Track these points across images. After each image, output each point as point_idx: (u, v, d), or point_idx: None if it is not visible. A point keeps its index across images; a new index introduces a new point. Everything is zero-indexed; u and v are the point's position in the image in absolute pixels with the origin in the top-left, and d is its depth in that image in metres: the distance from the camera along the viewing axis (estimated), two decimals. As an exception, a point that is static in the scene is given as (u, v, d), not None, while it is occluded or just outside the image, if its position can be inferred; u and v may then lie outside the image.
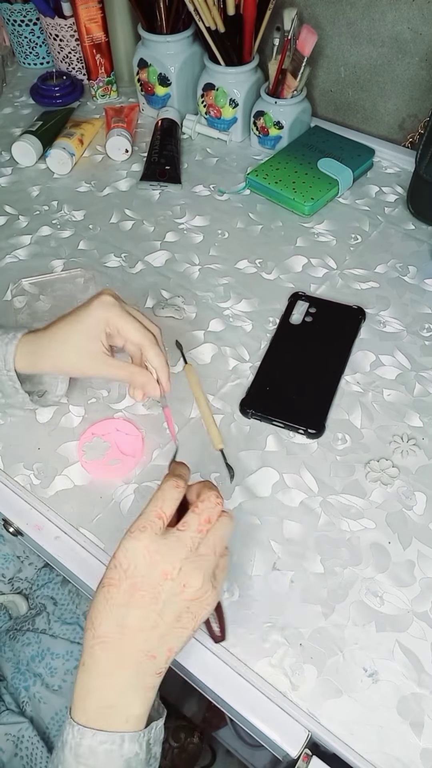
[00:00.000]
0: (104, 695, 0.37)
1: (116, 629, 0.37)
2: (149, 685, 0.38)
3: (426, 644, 0.46)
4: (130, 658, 0.37)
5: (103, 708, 0.37)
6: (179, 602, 0.37)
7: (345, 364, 0.64)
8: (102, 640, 0.37)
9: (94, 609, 0.38)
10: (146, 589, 0.37)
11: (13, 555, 0.76)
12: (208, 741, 0.99)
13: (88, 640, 0.38)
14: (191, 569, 0.37)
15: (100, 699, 0.37)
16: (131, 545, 0.37)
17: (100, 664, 0.37)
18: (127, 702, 0.37)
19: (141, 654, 0.37)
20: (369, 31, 0.83)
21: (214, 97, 0.89)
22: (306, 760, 0.43)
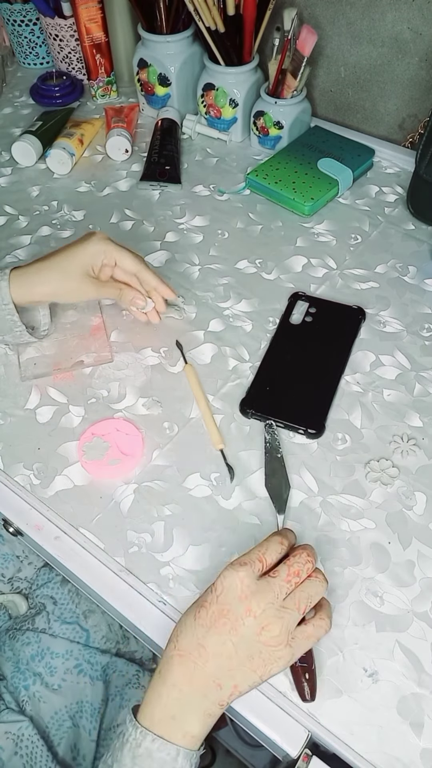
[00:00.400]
0: (170, 705, 0.40)
1: (195, 647, 0.40)
2: (210, 712, 0.40)
3: (426, 644, 0.46)
4: (201, 678, 0.40)
5: (167, 717, 0.40)
6: (254, 642, 0.40)
7: (345, 364, 0.64)
8: (180, 653, 0.40)
9: (182, 625, 0.41)
10: (230, 618, 0.40)
11: (13, 555, 0.76)
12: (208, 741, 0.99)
13: (169, 651, 0.41)
14: (272, 615, 0.40)
15: (166, 707, 0.40)
16: (230, 575, 0.41)
17: (173, 675, 0.40)
18: (188, 718, 0.40)
19: (210, 679, 0.40)
20: (369, 31, 0.83)
21: (214, 97, 0.89)
22: (306, 760, 0.43)
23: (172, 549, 0.52)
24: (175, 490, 0.55)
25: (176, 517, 0.53)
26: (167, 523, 0.53)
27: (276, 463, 0.56)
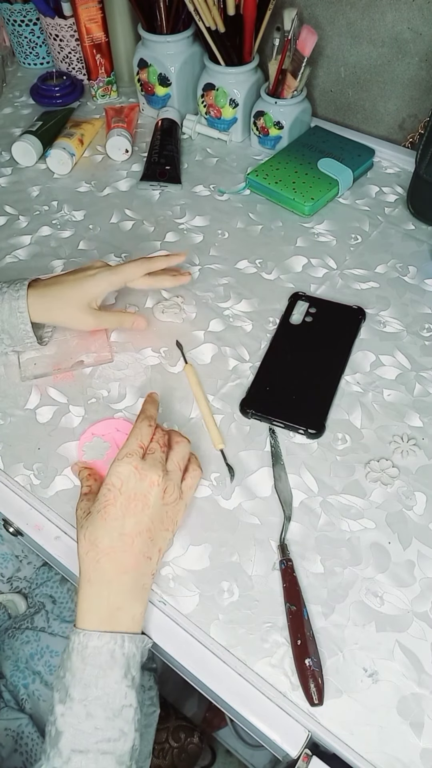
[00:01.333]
0: (112, 600, 0.44)
1: (117, 539, 0.45)
2: (147, 586, 0.46)
3: (426, 644, 0.46)
4: (131, 560, 0.45)
5: (113, 611, 0.44)
6: (161, 507, 0.47)
7: (345, 364, 0.64)
8: (106, 552, 0.44)
9: (93, 532, 0.45)
10: (139, 499, 0.46)
11: (12, 554, 0.76)
12: (208, 741, 0.99)
13: (91, 558, 0.45)
14: (166, 479, 0.47)
15: (109, 605, 0.44)
16: (123, 468, 0.46)
17: (106, 573, 0.44)
18: (131, 602, 0.45)
19: (139, 555, 0.45)
20: (369, 31, 0.83)
21: (214, 97, 0.89)
22: (306, 760, 0.43)
23: (172, 549, 0.52)
24: (175, 490, 0.55)
25: (176, 517, 0.53)
26: (167, 523, 0.53)
27: (281, 470, 0.56)
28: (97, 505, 0.46)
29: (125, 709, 0.42)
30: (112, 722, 0.42)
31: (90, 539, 0.45)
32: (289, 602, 0.47)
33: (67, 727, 0.41)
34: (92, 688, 0.42)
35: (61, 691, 0.42)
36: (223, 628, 0.48)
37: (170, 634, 0.48)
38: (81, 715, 0.41)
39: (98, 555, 0.45)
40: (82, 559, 0.45)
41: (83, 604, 0.45)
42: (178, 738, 0.79)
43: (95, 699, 0.41)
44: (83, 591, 0.45)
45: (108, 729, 0.41)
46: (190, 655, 0.47)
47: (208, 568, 0.51)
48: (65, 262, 0.76)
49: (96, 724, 0.41)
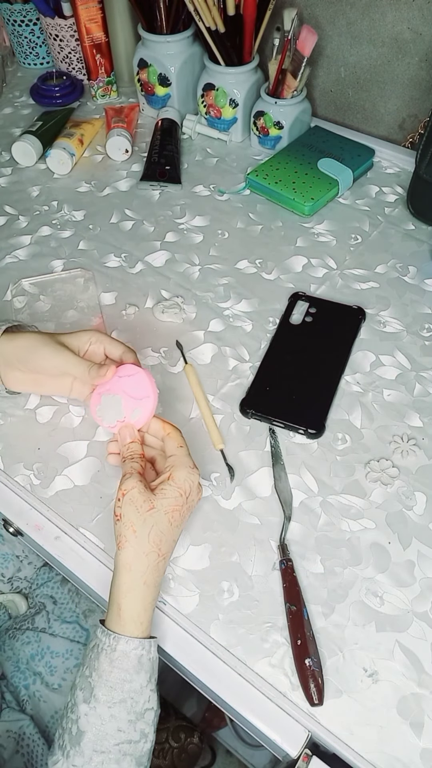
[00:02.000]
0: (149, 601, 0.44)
1: (172, 545, 0.46)
2: None
3: (426, 644, 0.46)
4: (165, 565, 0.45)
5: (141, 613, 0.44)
6: None
7: (345, 364, 0.64)
8: (164, 556, 0.45)
9: (159, 533, 0.44)
10: (189, 511, 0.47)
11: (13, 555, 0.76)
12: (208, 741, 0.99)
13: (152, 560, 0.44)
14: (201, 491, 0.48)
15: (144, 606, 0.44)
16: (195, 479, 0.46)
17: (159, 577, 0.45)
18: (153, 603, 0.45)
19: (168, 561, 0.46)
20: (369, 31, 0.83)
21: (214, 97, 0.89)
22: (306, 760, 0.43)
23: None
24: (175, 490, 0.55)
25: (176, 517, 0.53)
26: (167, 523, 0.53)
27: (281, 470, 0.56)
28: (164, 504, 0.44)
29: (147, 713, 0.43)
30: (135, 725, 0.42)
31: (155, 540, 0.44)
32: (289, 602, 0.47)
33: (90, 727, 0.41)
34: (118, 691, 0.41)
35: (86, 691, 0.42)
36: (223, 628, 0.48)
37: (170, 634, 0.48)
38: (105, 717, 0.41)
39: (158, 558, 0.44)
40: (140, 559, 0.43)
41: (134, 608, 0.43)
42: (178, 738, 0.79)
43: (120, 702, 0.41)
44: (139, 593, 0.43)
45: (130, 731, 0.42)
46: (190, 655, 0.47)
47: (208, 568, 0.51)
48: (65, 262, 0.76)
49: (119, 726, 0.41)
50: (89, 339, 0.54)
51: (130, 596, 0.43)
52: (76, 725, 0.42)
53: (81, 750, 0.41)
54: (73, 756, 0.41)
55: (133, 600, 0.43)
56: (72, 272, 0.74)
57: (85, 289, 0.72)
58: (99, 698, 0.41)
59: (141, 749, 0.42)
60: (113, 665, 0.42)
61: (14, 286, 0.73)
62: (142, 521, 0.43)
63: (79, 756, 0.41)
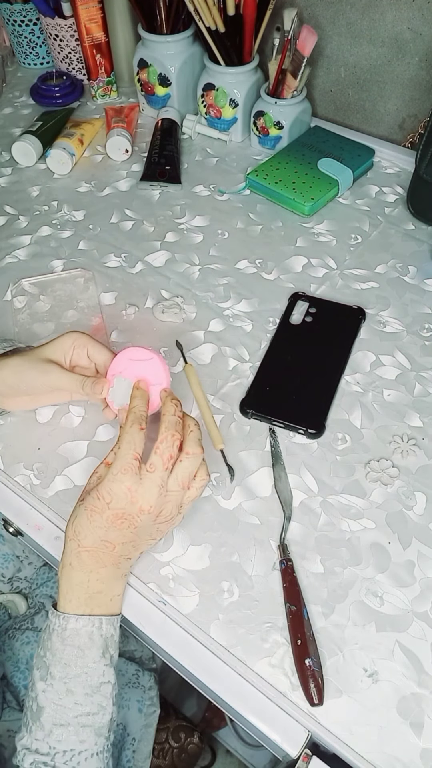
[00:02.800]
0: (92, 586, 0.45)
1: (100, 543, 0.45)
2: (125, 573, 0.48)
3: (426, 644, 0.46)
4: (111, 559, 0.46)
5: (93, 594, 0.45)
6: (152, 525, 0.46)
7: (345, 364, 0.64)
8: (87, 549, 0.45)
9: (77, 525, 0.45)
10: (126, 519, 0.44)
11: (13, 555, 0.76)
12: (208, 741, 0.99)
13: (73, 548, 0.45)
14: (163, 503, 0.44)
15: (88, 588, 0.45)
16: (116, 486, 0.43)
17: (86, 564, 0.45)
18: (110, 586, 0.47)
19: (119, 557, 0.46)
20: (369, 31, 0.83)
21: (214, 97, 0.89)
22: (306, 760, 0.43)
23: (172, 549, 0.52)
24: (175, 490, 0.55)
25: (176, 517, 0.53)
26: (167, 523, 0.53)
27: (281, 470, 0.56)
28: (87, 499, 0.45)
29: (103, 686, 0.44)
30: (91, 698, 0.44)
31: (75, 530, 0.45)
32: (289, 602, 0.47)
33: (48, 702, 0.43)
34: (72, 667, 0.43)
35: (42, 669, 0.44)
36: (223, 628, 0.48)
37: (170, 634, 0.48)
38: (61, 692, 0.43)
39: (80, 548, 0.45)
40: (66, 544, 0.46)
41: (63, 587, 0.46)
42: (178, 738, 0.79)
43: (75, 677, 0.43)
44: (64, 574, 0.46)
45: (87, 704, 0.43)
46: (190, 655, 0.47)
47: (208, 568, 0.51)
48: (65, 262, 0.76)
49: (76, 700, 0.43)
50: (72, 344, 0.54)
51: (61, 575, 0.46)
52: (36, 702, 0.44)
53: (41, 724, 0.43)
54: (35, 730, 0.43)
55: (64, 579, 0.46)
56: (72, 272, 0.74)
57: (85, 289, 0.72)
58: (54, 675, 0.43)
59: (100, 721, 0.44)
60: (65, 643, 0.44)
61: (14, 286, 0.73)
62: (73, 509, 0.47)
63: (40, 730, 0.43)
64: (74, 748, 0.43)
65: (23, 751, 0.43)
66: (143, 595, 0.50)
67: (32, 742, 0.43)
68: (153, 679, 0.73)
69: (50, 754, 0.42)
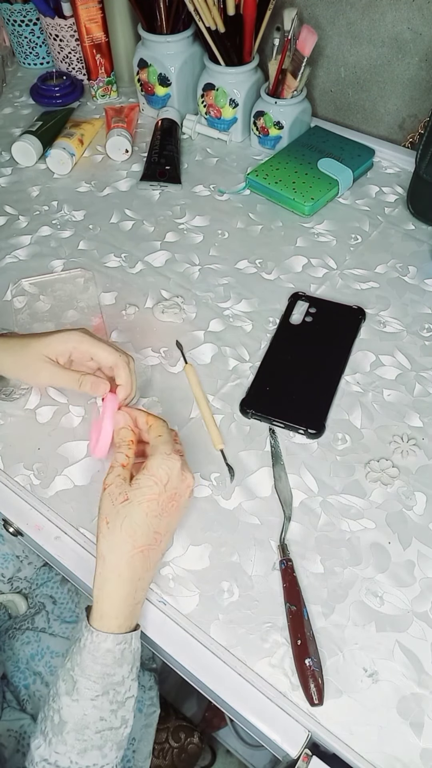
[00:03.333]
0: (137, 596, 0.44)
1: (153, 537, 0.44)
2: None
3: (426, 644, 0.46)
4: (156, 557, 0.45)
5: (134, 605, 0.44)
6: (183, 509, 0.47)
7: (345, 364, 0.64)
8: (140, 549, 0.44)
9: (131, 524, 0.43)
10: (176, 500, 0.45)
11: (13, 555, 0.76)
12: (208, 741, 0.99)
13: (126, 552, 0.43)
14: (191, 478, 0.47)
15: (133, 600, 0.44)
16: (173, 464, 0.45)
17: (136, 570, 0.44)
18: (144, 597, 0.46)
19: (160, 555, 0.46)
20: (369, 31, 0.83)
21: (214, 97, 0.89)
22: (306, 760, 0.43)
23: (172, 549, 0.52)
24: (175, 490, 0.55)
25: (176, 517, 0.53)
26: (167, 523, 0.53)
27: (281, 470, 0.56)
28: (137, 494, 0.44)
29: (128, 701, 0.44)
30: (116, 713, 0.43)
31: (128, 531, 0.43)
32: (289, 602, 0.47)
33: (72, 717, 0.42)
34: (100, 685, 0.42)
35: (68, 683, 0.43)
36: (223, 628, 0.48)
37: (170, 634, 0.48)
38: (87, 708, 0.42)
39: (133, 551, 0.43)
40: (113, 551, 0.43)
41: (109, 601, 0.43)
42: (178, 738, 0.79)
43: (103, 694, 0.42)
44: (112, 586, 0.43)
45: (112, 719, 0.43)
46: (190, 655, 0.47)
47: (208, 568, 0.51)
48: (65, 261, 0.76)
49: (102, 716, 0.42)
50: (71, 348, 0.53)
51: (105, 589, 0.44)
52: (59, 714, 0.42)
53: (63, 739, 0.42)
54: (56, 744, 0.42)
55: (108, 593, 0.44)
56: (72, 272, 0.74)
57: (85, 289, 0.72)
58: (81, 692, 0.42)
59: (122, 734, 0.44)
60: (96, 661, 0.42)
61: (14, 286, 0.73)
62: (115, 513, 0.44)
63: (62, 744, 0.42)
64: (96, 763, 0.42)
65: (42, 763, 0.42)
66: (143, 595, 0.49)
67: (51, 754, 0.42)
68: (153, 679, 0.73)
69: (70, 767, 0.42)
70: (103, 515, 0.44)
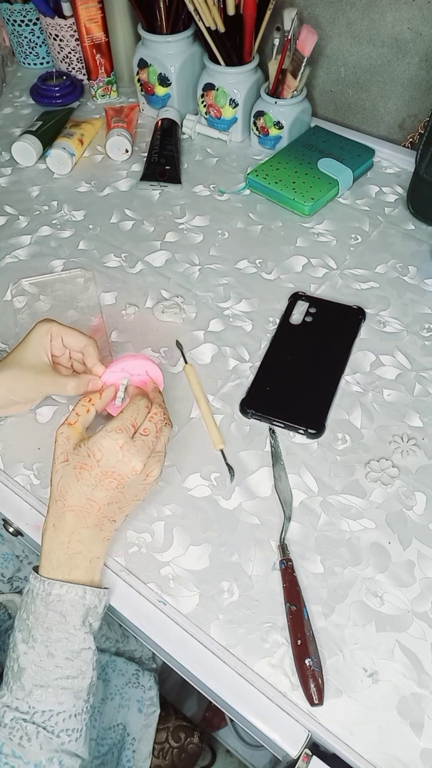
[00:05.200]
0: (72, 546, 0.46)
1: (85, 502, 0.46)
2: (108, 537, 0.49)
3: (426, 644, 0.46)
4: (95, 520, 0.47)
5: (72, 555, 0.46)
6: (140, 486, 0.48)
7: (345, 364, 0.64)
8: (71, 508, 0.46)
9: (63, 484, 0.47)
10: (115, 478, 0.46)
11: (13, 554, 0.76)
12: (208, 741, 0.99)
13: (57, 508, 0.47)
14: (153, 463, 0.48)
15: (68, 549, 0.46)
16: (107, 443, 0.46)
17: (68, 524, 0.46)
18: (91, 548, 0.47)
19: (103, 518, 0.47)
20: (369, 31, 0.83)
21: (214, 97, 0.89)
22: (306, 760, 0.43)
23: (172, 549, 0.52)
24: (175, 490, 0.55)
25: (176, 517, 0.54)
26: (167, 523, 0.53)
27: (281, 470, 0.56)
28: (73, 458, 0.47)
29: (84, 652, 0.45)
30: (71, 662, 0.45)
31: (60, 490, 0.47)
32: (289, 602, 0.47)
33: (29, 664, 0.44)
34: (54, 631, 0.44)
35: (24, 632, 0.45)
36: (223, 628, 0.48)
37: (170, 634, 0.48)
38: (42, 654, 0.44)
39: (64, 508, 0.46)
40: (50, 504, 0.47)
41: (45, 548, 0.47)
42: (178, 738, 0.79)
43: (56, 641, 0.44)
44: (46, 536, 0.47)
45: (67, 667, 0.44)
46: (190, 655, 0.47)
47: (208, 568, 0.51)
48: (65, 261, 0.76)
49: (56, 663, 0.44)
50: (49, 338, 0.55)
51: (45, 537, 0.47)
52: (17, 663, 0.44)
53: (22, 684, 0.44)
54: (16, 690, 0.44)
55: (47, 541, 0.47)
56: (72, 272, 0.74)
57: (85, 289, 0.72)
58: (36, 638, 0.44)
59: (79, 684, 0.45)
60: (48, 608, 0.45)
61: (14, 286, 0.73)
62: (54, 469, 0.48)
63: (21, 690, 0.44)
64: (53, 709, 0.44)
65: (3, 708, 0.44)
66: (143, 595, 0.50)
67: (12, 700, 0.44)
68: (153, 679, 0.73)
69: (29, 712, 0.43)
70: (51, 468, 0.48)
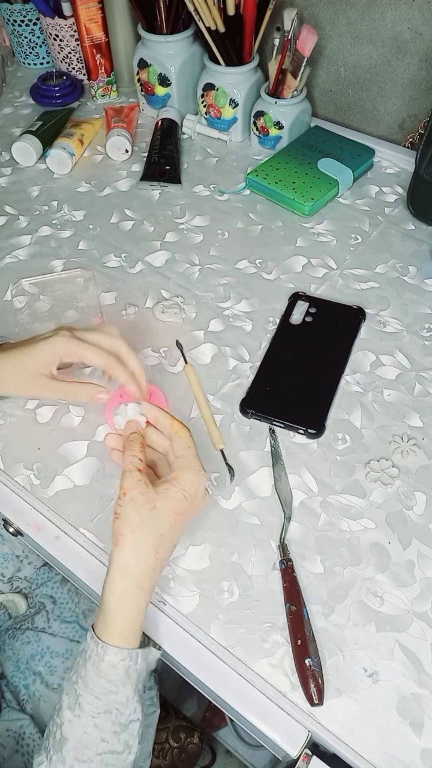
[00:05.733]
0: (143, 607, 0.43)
1: (170, 549, 0.45)
2: None
3: (426, 644, 0.46)
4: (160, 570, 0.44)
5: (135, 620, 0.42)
6: None
7: (345, 364, 0.64)
8: (162, 562, 0.43)
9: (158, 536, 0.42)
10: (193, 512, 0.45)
11: (13, 554, 0.76)
12: (208, 741, 0.99)
13: (149, 564, 0.42)
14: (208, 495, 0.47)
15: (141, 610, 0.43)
16: (201, 482, 0.45)
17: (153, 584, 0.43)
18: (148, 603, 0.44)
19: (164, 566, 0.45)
20: (369, 31, 0.83)
21: (214, 97, 0.89)
22: (306, 760, 0.43)
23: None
24: (175, 490, 0.55)
25: (176, 517, 0.53)
26: (167, 523, 0.53)
27: (281, 470, 0.56)
28: (166, 505, 0.43)
29: (132, 724, 0.42)
30: (119, 736, 0.41)
31: (153, 543, 0.42)
32: (289, 602, 0.47)
33: (73, 734, 0.41)
34: (103, 701, 0.41)
35: (71, 697, 0.41)
36: (223, 628, 0.48)
37: (170, 634, 0.48)
38: (88, 726, 0.40)
39: (156, 563, 0.42)
40: (139, 562, 0.42)
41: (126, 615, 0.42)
42: (178, 738, 0.79)
43: (105, 712, 0.41)
44: (133, 598, 0.42)
45: (114, 742, 0.41)
46: (190, 655, 0.47)
47: (208, 568, 0.51)
48: (65, 261, 0.76)
49: (102, 736, 0.41)
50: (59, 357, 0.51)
51: (124, 601, 0.42)
52: (60, 730, 0.41)
53: (63, 757, 0.40)
54: (56, 762, 0.41)
55: (127, 605, 0.42)
56: (72, 272, 0.74)
57: (85, 289, 0.72)
58: (83, 707, 0.41)
59: (124, 760, 0.42)
60: (100, 675, 0.41)
61: (14, 286, 0.73)
62: (141, 522, 0.42)
63: (61, 763, 0.40)
64: None
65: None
66: (143, 595, 0.49)
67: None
68: (153, 679, 0.73)
69: None
70: (127, 522, 0.42)
